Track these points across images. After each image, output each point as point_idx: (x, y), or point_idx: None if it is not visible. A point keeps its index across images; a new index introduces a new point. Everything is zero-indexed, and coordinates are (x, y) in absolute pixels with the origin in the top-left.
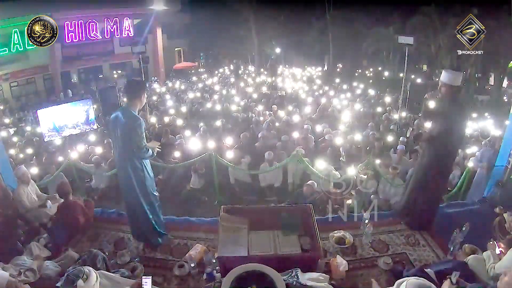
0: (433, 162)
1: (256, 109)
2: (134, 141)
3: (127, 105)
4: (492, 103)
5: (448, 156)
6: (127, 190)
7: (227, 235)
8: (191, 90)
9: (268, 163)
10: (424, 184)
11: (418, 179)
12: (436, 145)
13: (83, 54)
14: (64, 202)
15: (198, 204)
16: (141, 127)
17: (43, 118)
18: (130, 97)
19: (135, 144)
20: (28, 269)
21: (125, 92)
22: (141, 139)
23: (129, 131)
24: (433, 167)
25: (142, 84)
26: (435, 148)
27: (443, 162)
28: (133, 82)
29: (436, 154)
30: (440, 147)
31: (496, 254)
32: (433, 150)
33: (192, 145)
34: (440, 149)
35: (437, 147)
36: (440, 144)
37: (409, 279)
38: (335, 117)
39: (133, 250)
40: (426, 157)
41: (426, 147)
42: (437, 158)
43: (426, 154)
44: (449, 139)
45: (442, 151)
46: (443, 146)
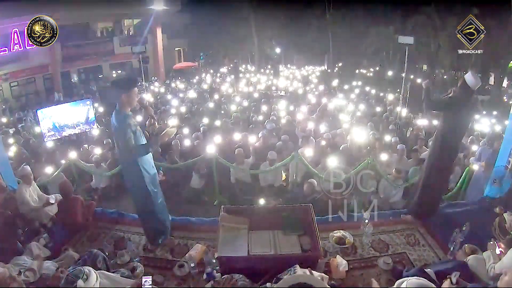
0: (439, 155)
1: (256, 109)
2: (122, 144)
3: (118, 105)
4: (492, 103)
5: (453, 149)
6: (129, 189)
7: (227, 235)
8: (191, 90)
9: (270, 163)
10: (431, 174)
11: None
12: (443, 138)
13: (83, 54)
14: (64, 199)
15: (198, 204)
16: (126, 130)
17: (43, 118)
18: (116, 95)
19: (123, 147)
20: (28, 269)
21: (114, 90)
22: (127, 140)
23: (118, 134)
24: (439, 160)
25: (128, 81)
26: (442, 141)
27: (448, 155)
28: (118, 80)
29: (442, 147)
30: (447, 140)
31: (496, 254)
32: (439, 143)
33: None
34: (447, 142)
35: (443, 140)
36: (447, 138)
37: (410, 279)
38: (335, 116)
39: (133, 250)
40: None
41: (434, 140)
42: (442, 151)
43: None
44: (455, 134)
45: (448, 143)
46: (449, 139)
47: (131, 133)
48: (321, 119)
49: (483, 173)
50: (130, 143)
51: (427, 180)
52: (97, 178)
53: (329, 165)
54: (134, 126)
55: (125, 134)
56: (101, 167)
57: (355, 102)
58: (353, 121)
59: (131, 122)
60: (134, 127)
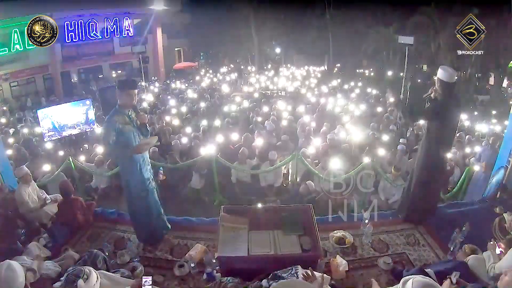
0: (429, 156)
1: (257, 109)
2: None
3: (117, 103)
4: (492, 103)
5: (443, 149)
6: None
7: (227, 235)
8: (191, 90)
9: (270, 163)
10: (422, 178)
11: (416, 173)
12: (431, 139)
13: (83, 54)
14: (65, 199)
15: (198, 204)
16: (109, 126)
17: (43, 118)
18: (119, 94)
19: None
20: (28, 269)
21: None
22: (106, 138)
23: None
24: (430, 161)
25: (128, 81)
26: (430, 142)
27: (439, 156)
28: (120, 79)
29: (431, 148)
30: (435, 141)
31: (496, 254)
32: (427, 144)
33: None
34: (435, 143)
35: (432, 141)
36: (435, 138)
37: (415, 277)
38: (335, 116)
39: (133, 250)
40: (423, 150)
41: (422, 142)
42: (432, 152)
43: (422, 148)
44: (444, 133)
45: (437, 145)
46: (438, 140)
47: (113, 131)
48: (321, 119)
49: (483, 173)
50: (108, 141)
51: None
52: (97, 178)
53: (331, 167)
54: (122, 124)
55: (105, 131)
56: (102, 167)
57: (355, 102)
58: (353, 121)
59: (118, 120)
60: (122, 125)
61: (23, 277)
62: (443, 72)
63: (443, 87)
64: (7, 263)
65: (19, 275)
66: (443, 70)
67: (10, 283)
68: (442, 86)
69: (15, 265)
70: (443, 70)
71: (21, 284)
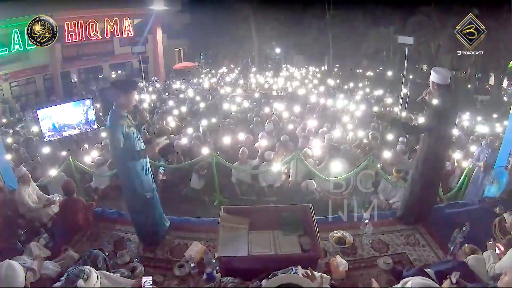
0: (427, 157)
1: (257, 109)
2: (111, 146)
3: (115, 105)
4: (492, 103)
5: (441, 151)
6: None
7: (227, 235)
8: (191, 90)
9: (268, 163)
10: (421, 178)
11: (416, 173)
12: (428, 141)
13: (83, 54)
14: (67, 199)
15: (198, 204)
16: (116, 131)
17: (43, 118)
18: (115, 95)
19: (112, 149)
20: (28, 269)
21: (113, 89)
22: (114, 142)
23: (108, 134)
24: (429, 161)
25: (128, 83)
26: (428, 144)
27: (438, 156)
28: (118, 80)
29: (429, 150)
30: (435, 141)
31: (496, 254)
32: (426, 146)
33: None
34: (435, 143)
35: (429, 143)
36: (433, 140)
37: (414, 278)
38: (335, 116)
39: (133, 250)
40: (422, 150)
41: (422, 142)
42: (432, 151)
43: (422, 148)
44: (443, 133)
45: (434, 147)
46: (435, 142)
47: (121, 135)
48: (321, 119)
49: (482, 173)
50: (118, 146)
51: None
52: (97, 178)
53: (333, 169)
54: (127, 127)
55: (113, 135)
56: (102, 168)
57: (355, 102)
58: (352, 121)
59: (124, 123)
60: (128, 128)
61: (23, 277)
62: (436, 75)
63: (438, 89)
64: (7, 263)
65: (19, 275)
66: (436, 73)
67: (10, 283)
68: (437, 88)
69: (15, 265)
70: (436, 73)
71: (21, 284)
